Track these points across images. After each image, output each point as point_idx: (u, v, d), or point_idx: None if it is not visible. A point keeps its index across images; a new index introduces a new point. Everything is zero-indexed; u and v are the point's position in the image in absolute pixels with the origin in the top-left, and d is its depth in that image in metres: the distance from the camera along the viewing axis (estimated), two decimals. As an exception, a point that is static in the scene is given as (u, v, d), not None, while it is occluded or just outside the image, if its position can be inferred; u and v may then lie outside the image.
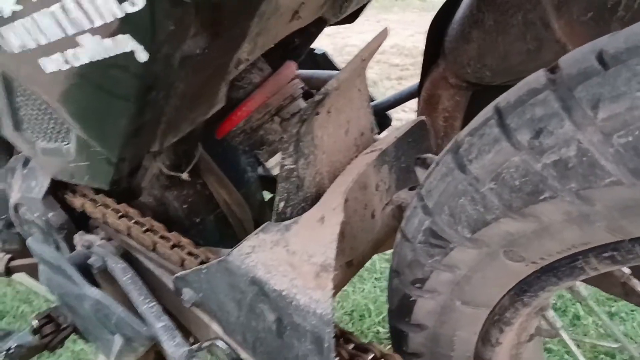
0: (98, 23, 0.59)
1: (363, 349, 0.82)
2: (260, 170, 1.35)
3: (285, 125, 0.96)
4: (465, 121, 1.15)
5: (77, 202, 1.08)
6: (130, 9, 0.55)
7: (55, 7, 0.61)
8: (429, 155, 1.02)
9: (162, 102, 0.67)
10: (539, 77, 0.62)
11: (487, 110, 0.67)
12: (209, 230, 1.17)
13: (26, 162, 1.15)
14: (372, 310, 1.99)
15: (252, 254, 0.80)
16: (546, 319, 0.86)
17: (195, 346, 0.78)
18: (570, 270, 0.68)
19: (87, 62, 0.64)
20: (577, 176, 0.56)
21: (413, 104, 1.41)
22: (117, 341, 0.95)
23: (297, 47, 1.03)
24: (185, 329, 0.99)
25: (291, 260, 0.77)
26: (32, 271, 1.33)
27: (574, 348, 0.86)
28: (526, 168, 0.60)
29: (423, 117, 0.95)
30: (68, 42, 0.64)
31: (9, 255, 1.30)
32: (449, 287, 0.77)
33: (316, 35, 1.03)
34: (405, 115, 3.52)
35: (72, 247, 1.10)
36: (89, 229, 1.11)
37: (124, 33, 0.58)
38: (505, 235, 0.66)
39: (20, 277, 1.40)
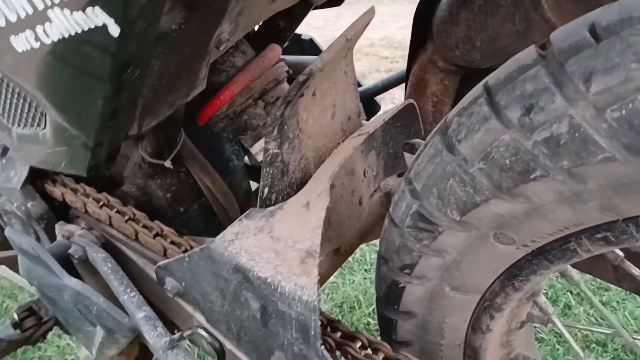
0: (68, -5, 0.56)
1: (350, 337, 0.80)
2: (246, 159, 1.32)
3: (269, 109, 0.93)
4: (454, 106, 1.13)
5: (57, 191, 1.05)
6: (100, -22, 0.53)
7: (22, -20, 0.58)
8: (418, 140, 1.00)
9: (138, 82, 0.64)
10: (529, 53, 0.60)
11: (477, 89, 0.65)
12: (193, 220, 1.15)
13: (4, 151, 1.12)
14: (363, 302, 1.97)
15: (235, 240, 0.78)
16: (538, 305, 0.84)
17: (176, 335, 0.75)
18: (562, 253, 0.66)
19: (58, 38, 0.61)
20: (569, 153, 0.54)
21: (403, 95, 1.39)
22: (99, 332, 0.92)
23: (281, 30, 1.00)
24: (169, 321, 0.97)
25: (276, 246, 0.75)
26: (14, 264, 1.30)
27: (566, 334, 0.85)
28: (516, 146, 0.58)
29: (411, 100, 0.92)
30: (38, 18, 0.61)
31: (-12, 248, 1.27)
32: (438, 272, 0.75)
33: (302, 18, 1.01)
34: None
35: (52, 238, 1.07)
36: (69, 219, 1.08)
37: (93, 5, 0.55)
38: (496, 217, 0.64)
39: (1, 270, 1.37)
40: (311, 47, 1.33)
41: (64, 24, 0.59)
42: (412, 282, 0.79)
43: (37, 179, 1.07)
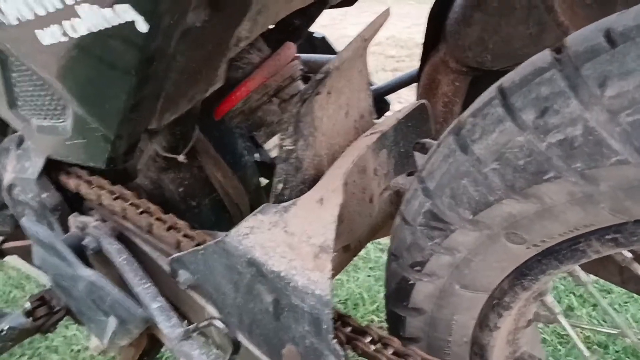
0: (98, -8, 0.58)
1: (361, 331, 0.81)
2: (256, 155, 1.34)
3: (284, 106, 0.95)
4: (465, 106, 1.15)
5: (71, 183, 1.07)
6: (131, -24, 0.54)
7: (53, -24, 0.59)
8: (428, 140, 1.01)
9: (161, 77, 0.66)
10: (544, 56, 0.61)
11: (491, 91, 0.66)
12: (204, 214, 1.16)
13: (20, 142, 1.14)
14: (366, 299, 1.99)
15: (250, 235, 0.79)
16: (545, 304, 0.86)
17: (192, 326, 0.77)
18: (572, 253, 0.68)
19: (85, 33, 0.63)
20: (582, 155, 0.56)
21: (409, 95, 1.40)
22: (111, 323, 0.94)
23: (296, 28, 1.02)
24: (180, 313, 0.98)
25: (290, 241, 0.76)
26: (25, 254, 1.31)
27: (572, 334, 0.86)
28: (530, 148, 0.59)
29: (424, 101, 0.94)
30: (66, 13, 0.62)
31: (1, 238, 1.28)
32: (449, 270, 0.77)
33: (316, 16, 1.02)
34: (401, 107, 3.51)
35: (65, 229, 1.09)
36: (83, 211, 1.10)
37: (123, 2, 0.56)
38: (507, 216, 0.65)
39: (12, 260, 1.39)
40: (323, 45, 1.34)
41: (92, 19, 0.60)
42: (422, 280, 0.80)
43: (51, 170, 1.08)
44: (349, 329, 0.83)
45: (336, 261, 0.96)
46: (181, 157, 1.02)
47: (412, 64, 4.85)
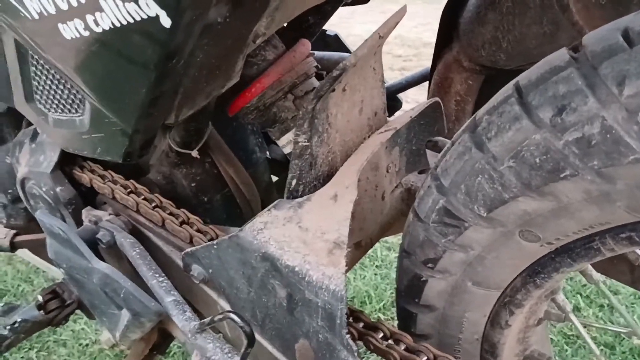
0: (121, -14, 0.58)
1: (373, 327, 0.82)
2: (267, 152, 1.34)
3: (298, 103, 0.95)
4: (477, 105, 1.15)
5: (85, 177, 1.08)
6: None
7: (76, -30, 0.60)
8: (441, 138, 1.02)
9: (181, 72, 0.66)
10: (561, 55, 0.61)
11: (507, 89, 0.67)
12: (216, 209, 1.17)
13: (34, 136, 1.15)
14: (373, 297, 1.99)
15: (264, 230, 0.79)
16: (556, 302, 0.86)
17: (207, 319, 0.77)
18: (586, 252, 0.68)
19: (108, 27, 0.63)
20: (599, 154, 0.56)
21: (416, 95, 1.41)
22: (124, 316, 0.95)
23: (310, 25, 1.02)
24: (192, 307, 0.99)
25: (304, 236, 0.77)
26: (36, 247, 1.32)
27: (583, 332, 0.86)
28: (547, 146, 0.60)
29: (437, 99, 0.94)
30: (89, 7, 0.63)
31: (13, 231, 1.29)
32: (462, 267, 0.77)
33: (330, 14, 1.02)
34: (407, 107, 3.51)
35: (78, 223, 1.10)
36: (96, 205, 1.11)
37: (147, -4, 0.57)
38: (522, 214, 0.66)
39: (23, 253, 1.40)
40: (336, 43, 1.34)
41: (116, 14, 0.61)
42: (435, 276, 0.81)
43: (65, 164, 1.09)
44: (360, 324, 0.83)
45: (348, 258, 0.97)
46: (194, 153, 1.03)
47: (420, 63, 4.86)
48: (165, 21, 0.58)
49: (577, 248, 0.68)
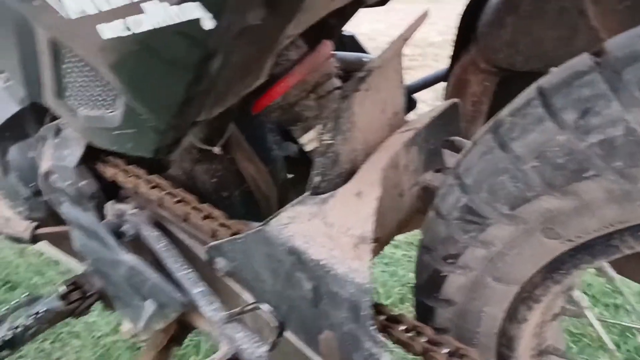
0: (165, -11, 0.61)
1: (395, 320, 0.84)
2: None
3: (320, 102, 0.98)
4: (492, 106, 1.17)
5: (108, 172, 1.10)
6: (200, -25, 0.57)
7: (122, -25, 0.62)
8: (458, 138, 1.04)
9: (216, 72, 0.68)
10: (584, 60, 0.63)
11: (530, 92, 0.69)
12: (234, 205, 1.19)
13: (58, 131, 1.17)
14: (381, 294, 2.02)
15: (290, 224, 0.82)
16: (572, 298, 0.89)
17: (236, 310, 0.80)
18: (605, 249, 0.70)
19: (148, 29, 0.66)
20: (622, 155, 0.59)
21: (425, 95, 1.43)
22: (149, 307, 0.97)
23: (331, 27, 1.04)
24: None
25: (329, 231, 0.80)
26: (55, 240, 1.35)
27: (598, 327, 0.89)
28: (571, 147, 0.62)
29: (457, 100, 0.96)
30: (131, 9, 0.65)
31: (35, 223, 1.32)
32: (482, 263, 0.79)
33: (350, 16, 1.05)
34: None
35: (101, 216, 1.12)
36: (119, 199, 1.13)
37: (191, 0, 0.60)
38: (545, 212, 0.68)
39: (41, 245, 1.42)
40: (352, 43, 1.37)
41: (158, 16, 0.63)
42: (455, 272, 0.83)
43: (88, 159, 1.11)
44: (383, 316, 0.86)
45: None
46: (217, 149, 1.05)
47: (425, 63, 4.87)
48: (207, 23, 0.60)
49: (597, 245, 0.71)
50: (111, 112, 0.86)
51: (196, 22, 0.61)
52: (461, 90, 1.17)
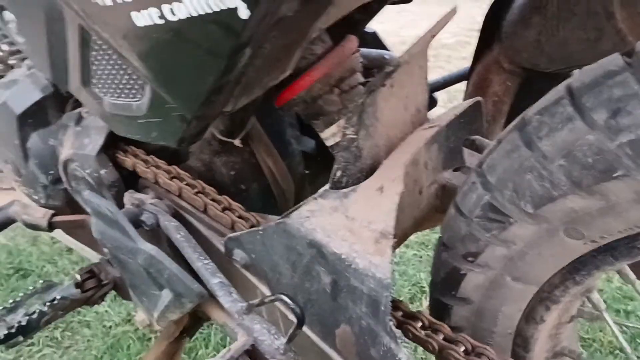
0: (203, -22, 0.61)
1: (412, 316, 0.84)
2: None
3: (343, 97, 0.98)
4: (513, 106, 1.17)
5: (128, 161, 1.11)
6: (239, -35, 0.57)
7: (157, -41, 0.63)
8: (479, 137, 1.04)
9: (247, 62, 0.69)
10: (615, 60, 0.63)
11: (558, 91, 0.69)
12: (252, 198, 1.20)
13: (79, 119, 1.18)
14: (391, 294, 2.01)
15: (311, 218, 0.82)
16: (590, 301, 0.88)
17: (256, 301, 0.80)
18: (629, 251, 0.70)
19: (184, 17, 0.66)
20: (653, 156, 0.58)
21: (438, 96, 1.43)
22: (165, 296, 0.97)
23: (356, 22, 1.05)
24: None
25: (350, 225, 0.80)
26: (71, 228, 1.35)
27: (616, 331, 0.88)
28: (600, 146, 0.62)
29: (479, 98, 0.96)
30: (167, -4, 0.66)
31: (52, 211, 1.32)
32: (502, 262, 0.79)
33: (376, 12, 1.05)
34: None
35: (120, 205, 1.13)
36: (137, 189, 1.14)
37: (228, -11, 0.60)
38: (569, 212, 0.68)
39: (56, 233, 1.43)
40: (373, 40, 1.37)
41: (194, 4, 0.63)
42: (474, 270, 0.83)
43: (109, 148, 1.12)
44: (400, 313, 0.86)
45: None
46: (237, 142, 1.06)
47: (438, 64, 4.85)
48: (243, 13, 0.61)
49: (620, 247, 0.71)
50: (137, 100, 0.87)
51: (233, 11, 0.61)
52: (483, 89, 1.17)
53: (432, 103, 1.39)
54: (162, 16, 0.68)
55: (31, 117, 1.22)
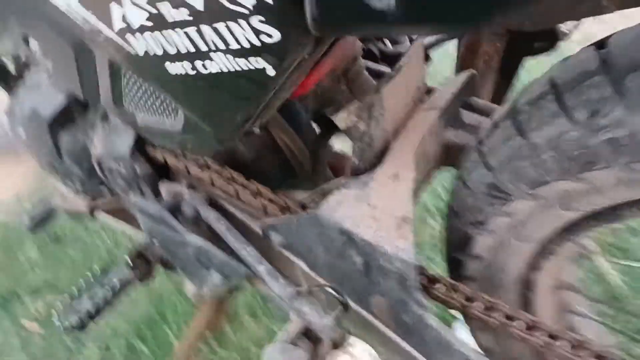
0: (234, 47, 0.69)
1: (433, 280, 0.97)
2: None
3: (351, 85, 1.06)
4: (503, 61, 1.25)
5: (159, 155, 1.20)
6: (267, 39, 0.65)
7: (190, 29, 0.70)
8: (474, 98, 1.13)
9: (273, 98, 0.78)
10: (589, 56, 0.71)
11: (543, 83, 0.77)
12: (273, 174, 1.30)
13: (105, 116, 1.26)
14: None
15: (338, 208, 0.94)
16: (585, 247, 1.01)
17: (304, 287, 0.93)
18: (613, 217, 0.83)
19: (216, 72, 0.74)
20: (628, 152, 0.69)
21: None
22: (215, 277, 1.10)
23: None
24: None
25: (373, 213, 0.91)
26: (113, 211, 1.47)
27: (605, 264, 1.02)
28: (584, 142, 0.72)
29: (473, 71, 1.05)
30: (199, 56, 0.73)
31: (92, 199, 1.43)
32: (506, 229, 0.91)
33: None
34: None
35: (156, 194, 1.23)
36: (171, 177, 1.24)
37: (257, 56, 0.68)
38: (562, 192, 0.79)
39: (100, 214, 1.54)
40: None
41: (225, 63, 0.71)
42: (482, 234, 0.95)
43: (140, 142, 1.21)
44: (422, 276, 0.99)
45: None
46: (257, 130, 1.15)
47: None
48: (271, 72, 0.69)
49: (604, 214, 0.83)
50: (171, 118, 0.95)
51: (261, 70, 0.70)
52: (474, 48, 1.24)
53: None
54: (193, 68, 0.76)
55: (60, 119, 1.30)
